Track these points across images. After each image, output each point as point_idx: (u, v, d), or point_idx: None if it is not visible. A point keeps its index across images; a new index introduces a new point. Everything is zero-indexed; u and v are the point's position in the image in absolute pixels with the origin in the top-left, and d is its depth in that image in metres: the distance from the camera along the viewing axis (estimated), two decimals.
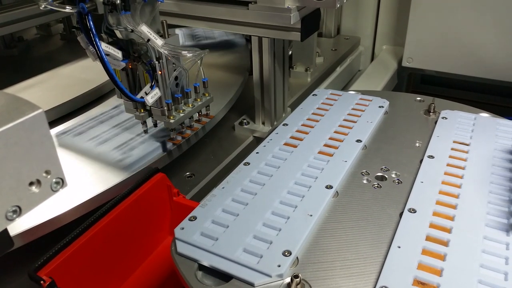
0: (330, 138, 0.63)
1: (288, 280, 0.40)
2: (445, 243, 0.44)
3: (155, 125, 0.70)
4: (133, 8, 0.58)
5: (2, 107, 0.25)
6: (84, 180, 0.62)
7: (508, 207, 0.49)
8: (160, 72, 0.61)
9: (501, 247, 0.43)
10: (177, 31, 1.24)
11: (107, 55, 0.59)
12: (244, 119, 0.90)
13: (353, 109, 0.71)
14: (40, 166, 0.27)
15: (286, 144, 0.62)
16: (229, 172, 0.56)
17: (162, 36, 0.62)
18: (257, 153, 0.60)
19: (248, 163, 0.57)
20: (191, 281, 0.42)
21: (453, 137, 0.62)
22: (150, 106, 0.65)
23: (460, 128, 0.64)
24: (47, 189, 0.28)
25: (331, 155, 0.59)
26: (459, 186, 0.52)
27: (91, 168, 0.64)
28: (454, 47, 1.09)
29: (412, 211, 0.48)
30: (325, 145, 0.61)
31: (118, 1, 0.56)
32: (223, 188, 0.53)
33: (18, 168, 0.25)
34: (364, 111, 0.70)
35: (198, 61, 0.64)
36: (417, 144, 0.62)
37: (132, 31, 0.58)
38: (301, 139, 0.63)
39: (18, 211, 0.26)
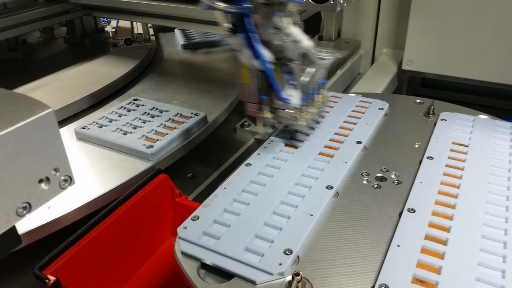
0: (330, 140, 0.63)
1: (289, 278, 0.41)
2: (444, 242, 0.45)
3: (273, 126, 0.68)
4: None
5: (14, 106, 0.26)
6: (87, 181, 0.62)
7: (506, 207, 0.49)
8: (300, 74, 0.59)
9: (499, 246, 0.44)
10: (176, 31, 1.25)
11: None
12: (246, 121, 0.90)
13: (353, 111, 0.72)
14: (49, 163, 0.27)
15: (287, 145, 0.62)
16: (230, 173, 0.57)
17: None
18: (258, 154, 0.61)
19: (250, 164, 0.58)
20: (194, 279, 0.43)
21: (452, 138, 0.63)
22: (278, 109, 0.62)
23: (459, 130, 0.65)
24: (56, 187, 0.29)
25: (331, 156, 0.59)
26: (458, 187, 0.53)
27: (94, 170, 0.65)
28: (454, 50, 1.10)
29: (412, 211, 0.49)
30: (326, 146, 0.62)
31: (277, 3, 0.53)
32: (225, 188, 0.54)
33: (29, 165, 0.26)
34: (364, 113, 0.71)
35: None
36: (417, 146, 0.63)
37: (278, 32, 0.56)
38: (301, 141, 0.63)
39: (28, 208, 0.27)
